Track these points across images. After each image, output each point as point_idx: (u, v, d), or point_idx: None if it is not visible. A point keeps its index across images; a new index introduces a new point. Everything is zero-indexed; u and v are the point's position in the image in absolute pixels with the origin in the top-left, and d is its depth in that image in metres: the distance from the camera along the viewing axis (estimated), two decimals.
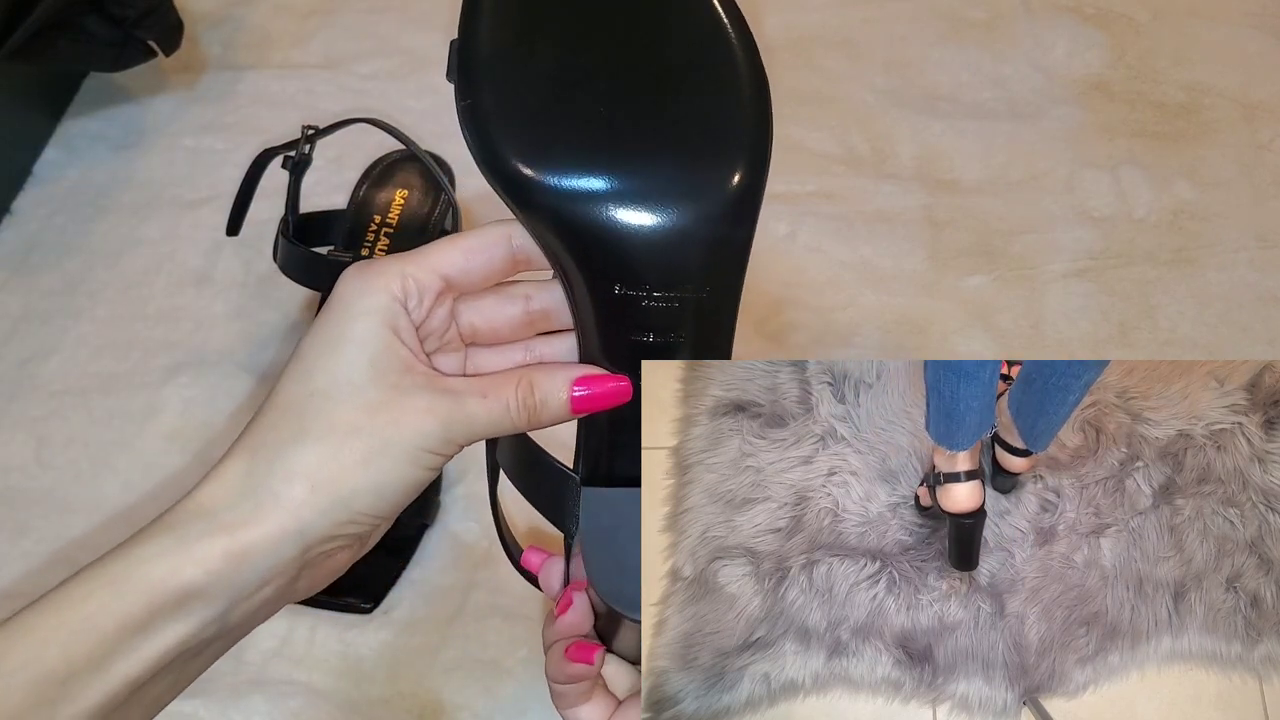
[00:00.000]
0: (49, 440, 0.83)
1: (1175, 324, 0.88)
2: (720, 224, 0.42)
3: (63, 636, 0.37)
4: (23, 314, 0.90)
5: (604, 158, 0.42)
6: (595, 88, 0.43)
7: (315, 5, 1.13)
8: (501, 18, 0.43)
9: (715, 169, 0.42)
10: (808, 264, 0.92)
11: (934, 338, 0.87)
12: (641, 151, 0.42)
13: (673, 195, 0.42)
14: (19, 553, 0.77)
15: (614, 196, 0.42)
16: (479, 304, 0.46)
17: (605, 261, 0.42)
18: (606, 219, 0.42)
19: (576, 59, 0.43)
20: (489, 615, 0.74)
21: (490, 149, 0.42)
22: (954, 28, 1.10)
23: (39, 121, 1.01)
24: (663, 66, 0.43)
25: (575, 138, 0.42)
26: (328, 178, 0.93)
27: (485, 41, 0.43)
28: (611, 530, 0.46)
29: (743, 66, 0.43)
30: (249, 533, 0.39)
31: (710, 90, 0.43)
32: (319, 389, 0.41)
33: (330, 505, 0.40)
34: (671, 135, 0.42)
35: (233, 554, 0.39)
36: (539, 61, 0.43)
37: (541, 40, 0.43)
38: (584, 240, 0.42)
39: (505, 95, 0.42)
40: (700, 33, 0.43)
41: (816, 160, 0.99)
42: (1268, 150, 1.00)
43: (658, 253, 0.42)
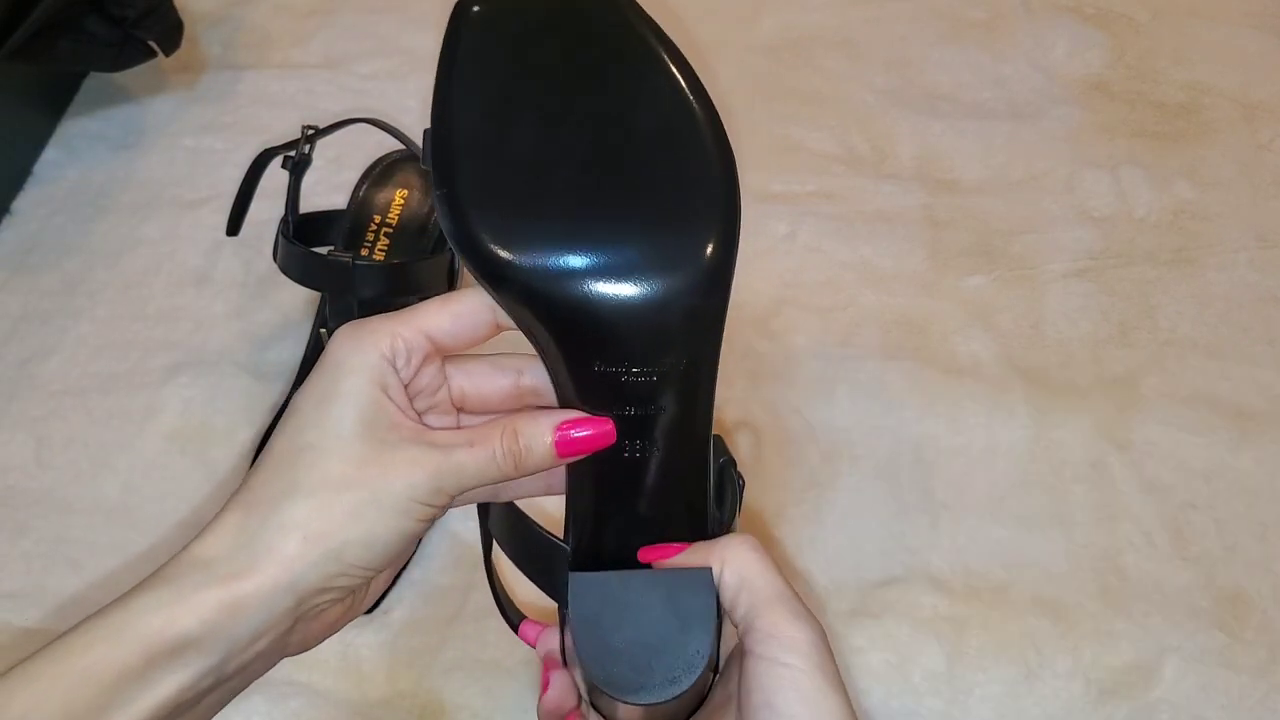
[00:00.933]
0: (49, 440, 0.83)
1: (1175, 324, 0.88)
2: (695, 295, 0.43)
3: (63, 687, 0.38)
4: (22, 314, 0.90)
5: (576, 237, 0.42)
6: (566, 167, 0.43)
7: (315, 5, 1.13)
8: (472, 103, 0.44)
9: (688, 242, 0.43)
10: (807, 264, 0.92)
11: (934, 338, 0.87)
12: (613, 229, 0.43)
13: (646, 271, 0.42)
14: (19, 553, 0.77)
15: (588, 274, 0.42)
16: (470, 370, 0.48)
17: (583, 340, 0.43)
18: (581, 297, 0.42)
19: (547, 139, 0.44)
20: (489, 615, 0.74)
21: (464, 233, 0.43)
22: (954, 28, 1.10)
23: (39, 121, 1.01)
24: (632, 143, 0.44)
25: (547, 218, 0.43)
26: (328, 178, 0.93)
27: (457, 128, 0.44)
28: (600, 614, 0.46)
29: (708, 139, 0.44)
30: (243, 584, 0.40)
31: (679, 164, 0.44)
32: (309, 443, 0.42)
33: (322, 557, 0.41)
34: (643, 211, 0.43)
35: (227, 605, 0.40)
36: (510, 144, 0.43)
37: (512, 122, 0.44)
38: (561, 319, 0.43)
39: (478, 180, 0.43)
40: (666, 108, 0.44)
41: (816, 160, 0.99)
42: (1268, 150, 1.00)
43: (635, 328, 0.43)
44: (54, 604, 0.75)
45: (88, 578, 0.76)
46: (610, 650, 0.45)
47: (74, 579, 0.76)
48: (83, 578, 0.76)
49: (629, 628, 0.46)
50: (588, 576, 0.47)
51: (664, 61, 0.45)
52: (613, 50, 0.45)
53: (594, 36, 0.46)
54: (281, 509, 0.41)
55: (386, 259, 0.83)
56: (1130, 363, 0.85)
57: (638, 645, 0.46)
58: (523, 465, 0.45)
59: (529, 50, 0.45)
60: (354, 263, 0.72)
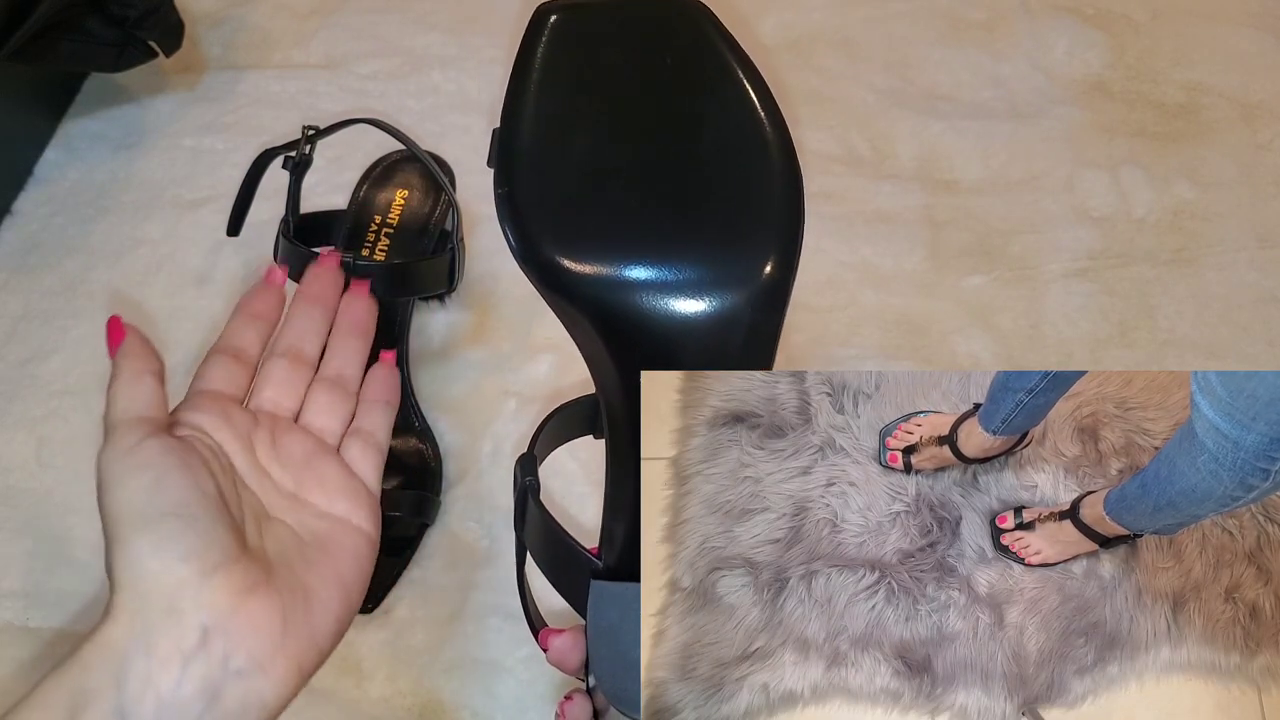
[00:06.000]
0: (49, 440, 0.83)
1: (1175, 324, 0.88)
2: (750, 313, 0.43)
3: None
4: (23, 314, 0.90)
5: (634, 247, 0.42)
6: (631, 178, 0.43)
7: (316, 5, 1.13)
8: (542, 109, 0.44)
9: (747, 260, 0.43)
10: (808, 264, 0.91)
11: (934, 338, 0.87)
12: (673, 242, 0.42)
13: (703, 286, 0.42)
14: (19, 552, 0.77)
15: (643, 286, 0.42)
16: (256, 387, 0.54)
17: (632, 350, 0.43)
18: (637, 307, 0.42)
19: (613, 149, 0.44)
20: (489, 615, 0.74)
21: (526, 237, 0.42)
22: (954, 28, 1.10)
23: (40, 122, 1.01)
24: (699, 157, 0.44)
25: (607, 226, 0.43)
26: (328, 178, 0.93)
27: (525, 131, 0.44)
28: (616, 626, 0.46)
29: (776, 157, 0.44)
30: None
31: (744, 181, 0.44)
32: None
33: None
34: (704, 226, 0.43)
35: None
36: (576, 151, 0.43)
37: (580, 131, 0.44)
38: (615, 328, 0.43)
39: (542, 184, 0.43)
40: (736, 123, 0.44)
41: (816, 160, 0.99)
42: (1268, 150, 1.00)
43: (687, 342, 0.43)
44: (54, 604, 0.75)
45: (88, 577, 0.76)
46: (627, 664, 0.45)
47: (74, 579, 0.76)
48: (83, 577, 0.76)
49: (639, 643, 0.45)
50: (610, 586, 0.46)
51: (737, 77, 0.45)
52: (687, 64, 0.45)
53: (669, 49, 0.45)
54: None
55: (387, 259, 0.83)
56: (1130, 362, 0.85)
57: None
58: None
59: (603, 60, 0.45)
60: (354, 263, 0.72)
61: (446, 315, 0.89)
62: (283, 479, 0.51)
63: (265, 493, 0.50)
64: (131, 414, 0.48)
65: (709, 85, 0.45)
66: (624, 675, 0.45)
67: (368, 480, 0.53)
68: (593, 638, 0.46)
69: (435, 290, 0.77)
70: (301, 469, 0.51)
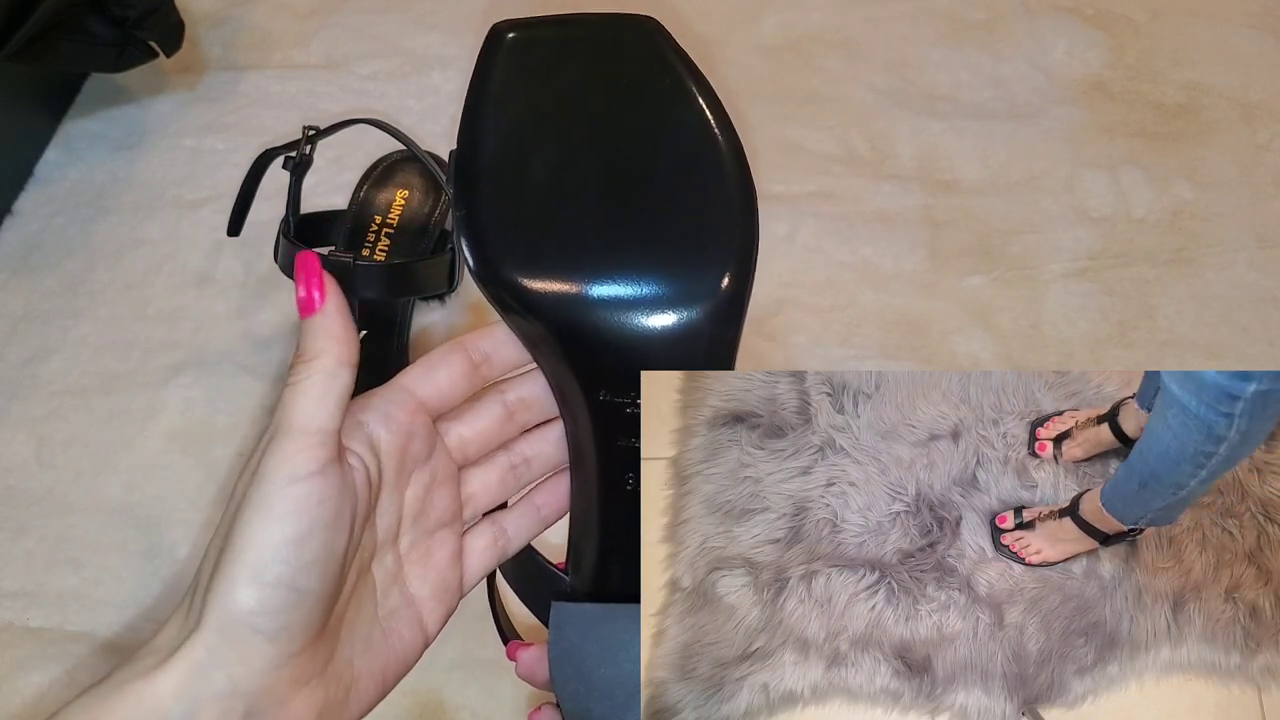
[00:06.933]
0: (49, 440, 0.83)
1: (1174, 324, 0.88)
2: (707, 327, 0.43)
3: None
4: (23, 314, 0.90)
5: (591, 265, 0.43)
6: (588, 196, 0.44)
7: (316, 5, 1.13)
8: (499, 128, 0.44)
9: (704, 275, 0.43)
10: (807, 264, 0.92)
11: (934, 338, 0.87)
12: (630, 259, 0.43)
13: (661, 302, 0.43)
14: (19, 552, 0.77)
15: (606, 304, 0.42)
16: (459, 414, 0.47)
17: (597, 366, 0.43)
18: (598, 324, 0.43)
19: (570, 167, 0.44)
20: (489, 615, 0.74)
21: (485, 259, 0.43)
22: (954, 28, 1.10)
23: (40, 122, 1.01)
24: (654, 174, 0.44)
25: (564, 245, 0.43)
26: (328, 178, 0.93)
27: (482, 152, 0.44)
28: (581, 647, 0.46)
29: (730, 173, 0.44)
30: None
31: (700, 196, 0.44)
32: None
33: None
34: (661, 242, 0.43)
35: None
36: (534, 171, 0.44)
37: (537, 149, 0.44)
38: (577, 345, 0.43)
39: (500, 205, 0.43)
40: (690, 140, 0.45)
41: (816, 160, 0.99)
42: (1267, 150, 1.00)
43: (652, 357, 0.43)
44: (55, 604, 0.75)
45: (89, 577, 0.76)
46: (589, 685, 0.45)
47: (75, 579, 0.76)
48: (84, 577, 0.76)
49: (609, 665, 0.45)
50: (571, 607, 0.46)
51: (692, 94, 0.45)
52: (641, 80, 0.45)
53: (624, 66, 0.46)
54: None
55: (387, 259, 0.83)
56: (1130, 362, 0.85)
57: (616, 684, 0.45)
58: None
59: (559, 79, 0.46)
60: (355, 263, 0.72)
61: (446, 315, 0.89)
62: (406, 528, 0.46)
63: (384, 531, 0.44)
64: (315, 425, 0.39)
65: (664, 101, 0.45)
66: (585, 697, 0.45)
67: (467, 582, 0.48)
68: (554, 658, 0.46)
69: (435, 290, 0.77)
70: (428, 530, 0.46)
